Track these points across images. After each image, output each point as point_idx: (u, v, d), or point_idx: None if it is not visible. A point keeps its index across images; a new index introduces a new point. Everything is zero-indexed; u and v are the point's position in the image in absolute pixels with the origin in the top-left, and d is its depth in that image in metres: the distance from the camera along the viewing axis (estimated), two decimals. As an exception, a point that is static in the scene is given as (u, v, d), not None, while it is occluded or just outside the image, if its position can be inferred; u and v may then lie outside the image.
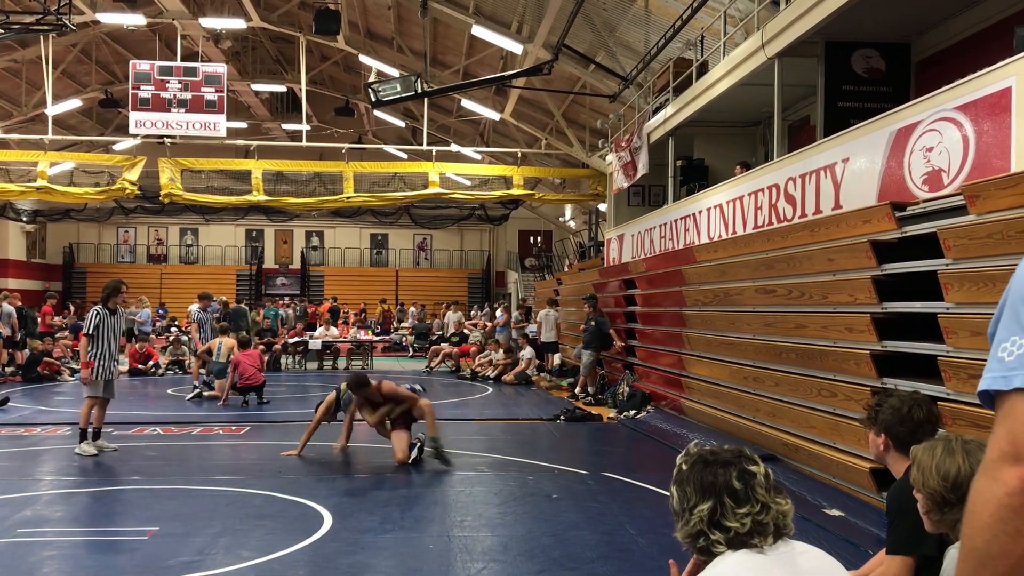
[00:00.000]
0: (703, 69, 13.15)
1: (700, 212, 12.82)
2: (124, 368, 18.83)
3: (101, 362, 9.43)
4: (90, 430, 9.43)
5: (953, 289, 6.05)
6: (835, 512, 6.77)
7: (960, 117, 6.69)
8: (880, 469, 6.85)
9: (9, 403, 13.15)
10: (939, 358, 6.14)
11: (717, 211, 12.17)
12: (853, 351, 7.37)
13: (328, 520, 6.47)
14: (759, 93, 11.89)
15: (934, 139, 7.02)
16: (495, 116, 23.24)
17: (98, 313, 9.49)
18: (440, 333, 24.01)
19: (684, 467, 2.17)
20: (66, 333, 21.14)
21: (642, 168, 15.31)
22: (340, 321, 25.77)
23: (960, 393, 5.92)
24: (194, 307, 15.70)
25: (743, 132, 15.04)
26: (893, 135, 7.61)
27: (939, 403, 5.95)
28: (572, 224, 32.25)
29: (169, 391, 15.90)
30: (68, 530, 6.23)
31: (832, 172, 8.78)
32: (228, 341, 14.95)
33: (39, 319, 20.30)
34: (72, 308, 28.30)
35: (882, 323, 7.06)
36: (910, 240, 6.79)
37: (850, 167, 8.43)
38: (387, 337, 26.85)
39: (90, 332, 9.40)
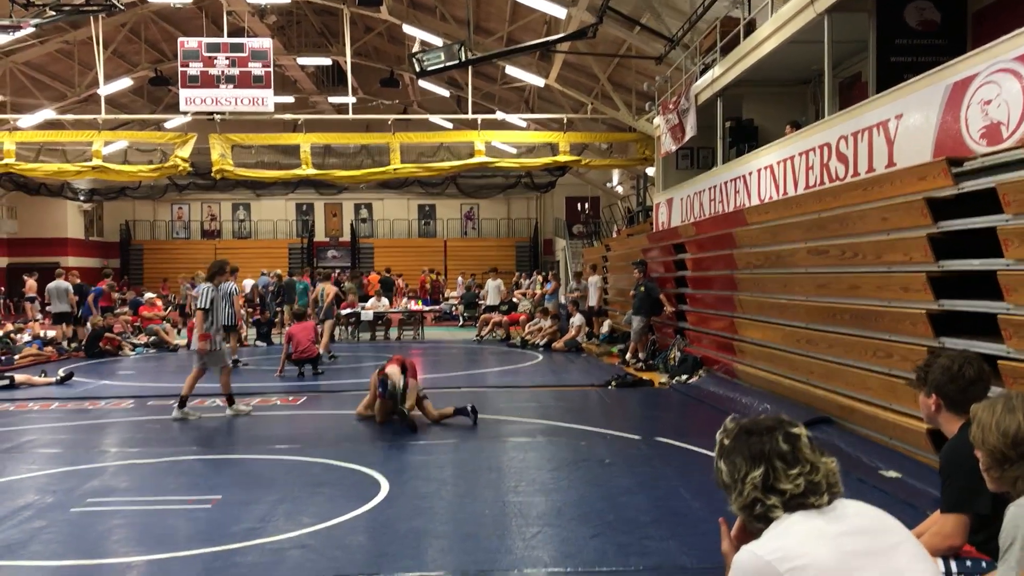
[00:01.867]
0: (751, 27, 12.90)
1: (750, 174, 12.65)
2: (183, 341, 19.26)
3: (215, 334, 10.13)
4: (227, 397, 10.35)
5: (1013, 245, 5.92)
6: (892, 474, 6.71)
7: (1020, 68, 6.49)
8: (938, 430, 6.76)
9: (73, 377, 13.53)
10: (999, 316, 6.02)
11: (767, 172, 12.00)
12: (909, 311, 7.26)
13: (385, 487, 6.59)
14: (809, 50, 11.63)
15: (992, 92, 6.82)
16: (540, 82, 23.09)
17: (210, 289, 10.15)
18: (483, 302, 24.04)
19: (727, 441, 2.20)
20: (126, 309, 21.65)
21: (690, 130, 15.12)
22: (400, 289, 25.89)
23: (1021, 351, 5.81)
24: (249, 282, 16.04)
25: (793, 91, 14.75)
26: (949, 89, 7.42)
27: (1000, 362, 5.87)
28: (620, 189, 32.02)
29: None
30: (135, 499, 6.43)
31: (885, 129, 8.59)
32: (329, 288, 16.61)
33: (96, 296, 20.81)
34: (126, 285, 28.87)
35: (938, 282, 6.93)
36: (967, 196, 6.64)
37: (904, 123, 8.24)
38: (437, 307, 27.04)
39: (206, 306, 10.03)
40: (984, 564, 3.10)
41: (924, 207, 6.98)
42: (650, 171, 22.46)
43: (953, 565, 3.12)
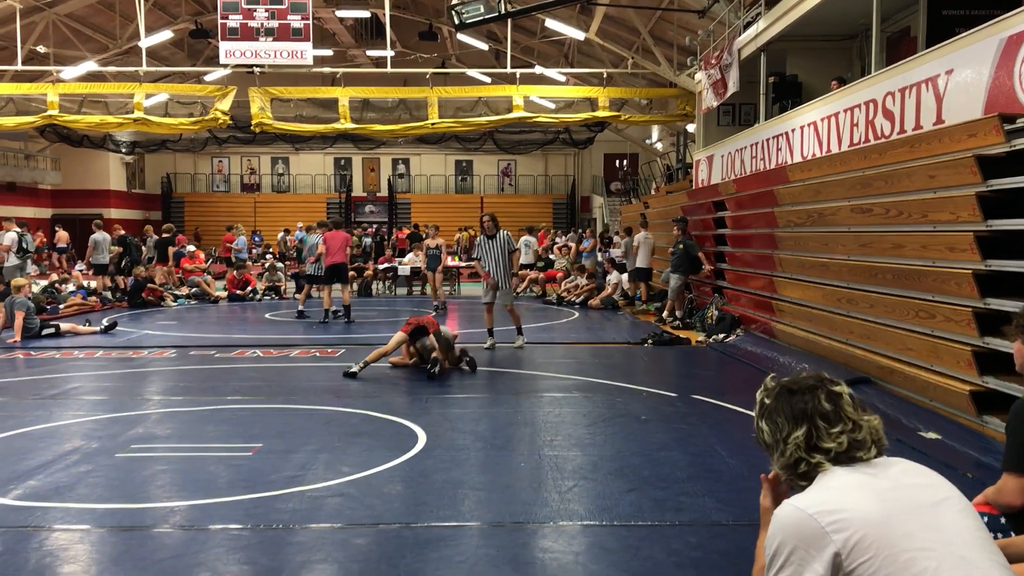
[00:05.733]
0: (797, -20, 12.61)
1: (793, 130, 12.45)
2: (224, 294, 19.49)
3: (492, 274, 11.73)
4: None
5: (1065, 205, 5.77)
6: (932, 435, 6.65)
7: (1078, 22, 6.29)
8: (981, 392, 6.68)
9: (117, 327, 13.77)
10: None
11: (811, 129, 11.79)
12: (954, 271, 7.13)
13: (422, 438, 6.65)
14: (856, 3, 11.36)
15: (1048, 46, 6.62)
16: (580, 36, 22.81)
17: (481, 239, 12.09)
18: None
19: (768, 400, 2.20)
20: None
21: (732, 86, 14.88)
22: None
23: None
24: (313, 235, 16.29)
25: (839, 46, 14.44)
26: (1003, 43, 7.21)
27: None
28: (659, 146, 31.69)
29: (267, 315, 16.41)
30: (177, 446, 6.56)
31: (934, 85, 8.39)
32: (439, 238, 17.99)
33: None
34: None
35: (986, 241, 6.79)
36: (1019, 153, 6.47)
37: (954, 79, 8.04)
38: (473, 263, 27.05)
39: (477, 256, 12.16)
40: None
41: (974, 164, 6.82)
42: (690, 127, 22.18)
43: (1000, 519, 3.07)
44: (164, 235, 21.20)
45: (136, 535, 4.62)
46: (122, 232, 19.87)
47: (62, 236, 28.00)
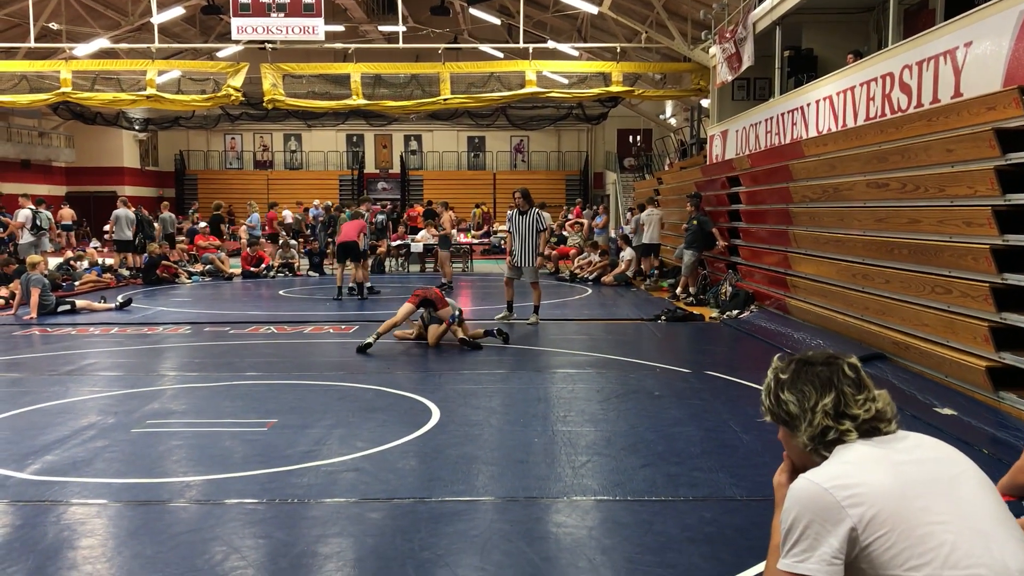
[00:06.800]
0: (814, -48, 12.45)
1: (808, 105, 12.33)
2: (238, 271, 19.56)
3: (516, 251, 11.78)
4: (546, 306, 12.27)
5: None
6: (947, 411, 6.62)
7: (1100, -8, 6.18)
8: (998, 368, 6.65)
9: (132, 304, 13.84)
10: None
11: (827, 103, 11.68)
12: (971, 246, 7.07)
13: (436, 414, 6.67)
14: (874, -25, 11.21)
15: (1069, 17, 6.51)
16: (593, 10, 22.58)
17: (512, 215, 12.04)
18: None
19: (785, 375, 2.19)
20: (183, 238, 22.02)
21: (747, 60, 14.74)
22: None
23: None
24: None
25: (855, 19, 14.26)
26: (1023, 15, 7.09)
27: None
28: (673, 121, 31.47)
29: (281, 292, 16.46)
30: (193, 421, 6.60)
31: (952, 58, 8.28)
32: (447, 215, 17.66)
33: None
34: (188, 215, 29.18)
35: (1004, 216, 6.72)
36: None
37: (972, 52, 7.93)
38: (486, 240, 27.03)
39: (509, 230, 12.15)
40: None
41: (992, 138, 6.74)
42: (704, 102, 22.01)
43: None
44: (215, 212, 24.10)
45: (153, 509, 4.66)
46: (133, 209, 19.89)
47: (65, 213, 27.99)
